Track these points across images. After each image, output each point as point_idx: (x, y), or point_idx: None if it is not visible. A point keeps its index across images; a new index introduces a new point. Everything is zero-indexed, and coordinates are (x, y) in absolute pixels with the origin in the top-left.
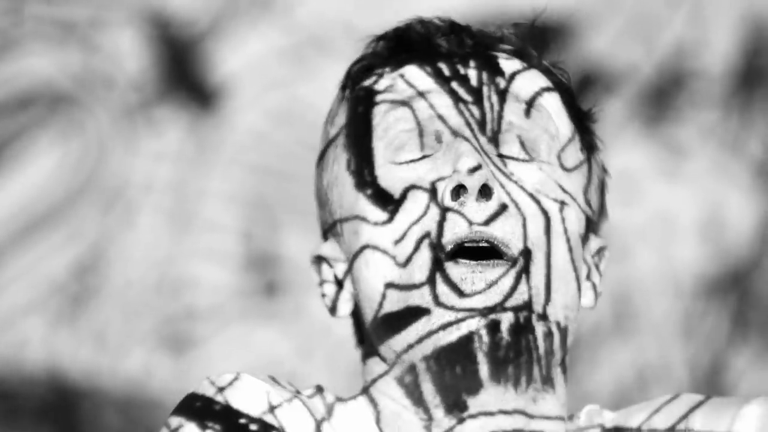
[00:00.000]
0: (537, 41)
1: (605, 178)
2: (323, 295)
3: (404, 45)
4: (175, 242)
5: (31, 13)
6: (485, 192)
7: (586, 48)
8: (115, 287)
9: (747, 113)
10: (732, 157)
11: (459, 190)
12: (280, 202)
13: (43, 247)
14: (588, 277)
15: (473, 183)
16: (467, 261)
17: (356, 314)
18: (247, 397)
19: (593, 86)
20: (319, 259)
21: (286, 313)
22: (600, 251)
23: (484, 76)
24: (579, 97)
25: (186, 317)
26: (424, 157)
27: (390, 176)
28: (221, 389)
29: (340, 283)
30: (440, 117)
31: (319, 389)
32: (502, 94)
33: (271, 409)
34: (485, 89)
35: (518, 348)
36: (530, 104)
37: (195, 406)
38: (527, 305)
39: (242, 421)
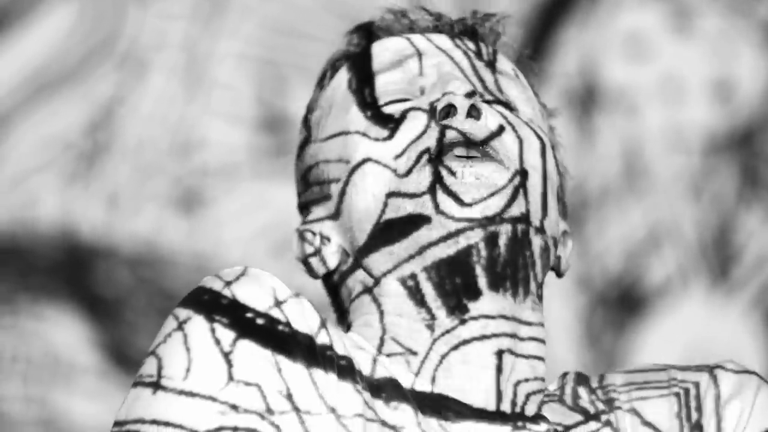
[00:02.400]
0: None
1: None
2: (305, 261)
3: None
4: (187, 101)
5: None
6: (474, 113)
7: None
8: (127, 146)
9: None
10: (742, 17)
11: (449, 110)
12: (291, 62)
13: (56, 105)
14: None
15: (462, 103)
16: (461, 155)
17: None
18: (254, 292)
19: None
20: (300, 235)
21: None
22: (564, 234)
23: (479, 37)
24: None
25: (197, 176)
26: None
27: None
28: (228, 283)
29: (325, 239)
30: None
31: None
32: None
33: (277, 303)
34: (482, 46)
35: (515, 262)
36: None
37: (202, 299)
38: (525, 217)
39: (249, 315)
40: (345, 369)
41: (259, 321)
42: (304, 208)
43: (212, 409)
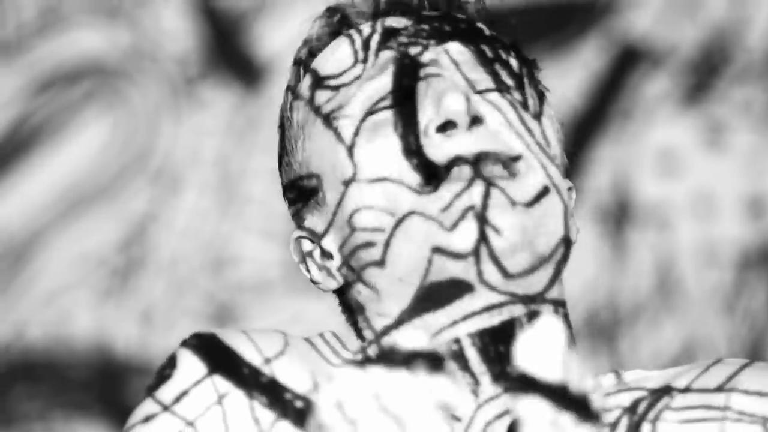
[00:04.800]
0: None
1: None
2: (308, 269)
3: (449, 20)
4: (221, 217)
5: None
6: (475, 122)
7: (630, 24)
8: (161, 262)
9: None
10: None
11: (446, 126)
12: None
13: (90, 221)
14: None
15: (462, 119)
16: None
17: (343, 291)
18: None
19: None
20: (298, 240)
21: None
22: (570, 190)
23: (522, 65)
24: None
25: (232, 292)
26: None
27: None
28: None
29: (327, 256)
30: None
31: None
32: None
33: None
34: (525, 79)
35: None
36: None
37: (242, 373)
38: (563, 303)
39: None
40: None
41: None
42: (297, 215)
43: None
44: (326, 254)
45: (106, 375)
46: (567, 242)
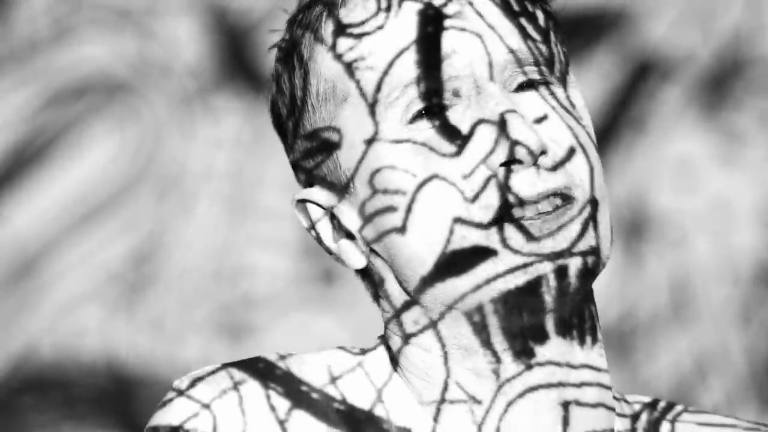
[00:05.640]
0: None
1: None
2: (318, 236)
3: None
4: (233, 230)
5: (87, 1)
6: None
7: (645, 35)
8: (172, 275)
9: None
10: None
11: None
12: None
13: (101, 235)
14: None
15: (528, 159)
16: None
17: (366, 271)
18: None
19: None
20: (302, 203)
21: (344, 301)
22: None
23: (548, 17)
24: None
25: (243, 305)
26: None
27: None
28: (282, 357)
29: (349, 235)
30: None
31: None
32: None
33: (332, 379)
34: (552, 33)
35: (581, 311)
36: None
37: (257, 367)
38: (595, 251)
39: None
40: None
41: (314, 395)
42: (308, 174)
43: None
44: (339, 226)
45: (116, 388)
46: (594, 203)
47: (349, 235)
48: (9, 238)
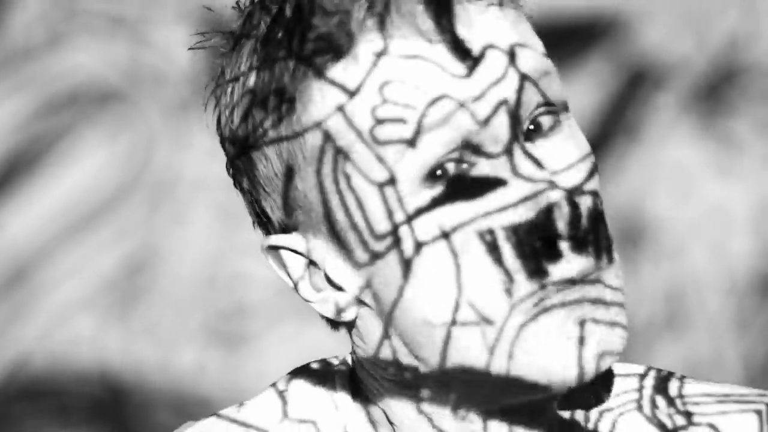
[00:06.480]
0: None
1: None
2: (296, 287)
3: None
4: (226, 238)
5: (81, 8)
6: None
7: (639, 41)
8: (166, 283)
9: None
10: None
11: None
12: None
13: (94, 244)
14: None
15: (565, 208)
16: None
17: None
18: None
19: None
20: (274, 250)
21: None
22: None
23: None
24: None
25: (237, 313)
26: None
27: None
28: None
29: (335, 287)
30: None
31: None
32: None
33: None
34: None
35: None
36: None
37: None
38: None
39: None
40: None
41: None
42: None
43: None
44: (335, 285)
45: (109, 397)
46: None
47: (336, 287)
48: (1, 246)
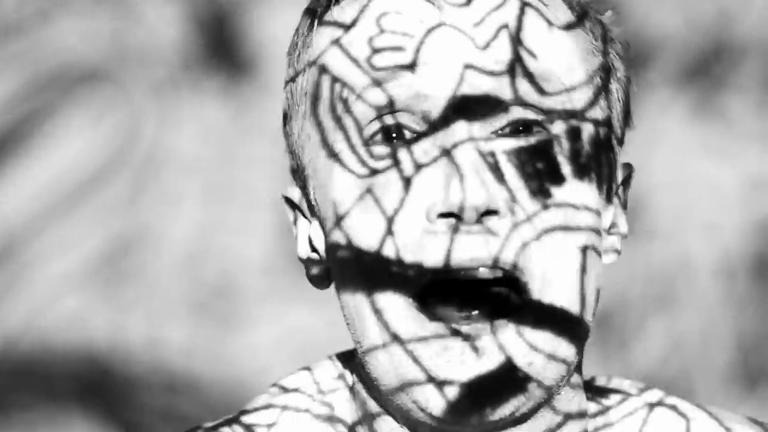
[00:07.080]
0: None
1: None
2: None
3: None
4: (214, 216)
5: None
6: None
7: (626, 19)
8: (153, 262)
9: None
10: None
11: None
12: None
13: (79, 223)
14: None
15: (471, 215)
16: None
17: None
18: None
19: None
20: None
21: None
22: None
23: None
24: None
25: (225, 293)
26: None
27: None
28: None
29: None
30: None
31: None
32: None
33: None
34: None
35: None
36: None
37: None
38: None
39: None
40: None
41: None
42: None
43: None
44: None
45: (95, 379)
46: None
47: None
48: None
